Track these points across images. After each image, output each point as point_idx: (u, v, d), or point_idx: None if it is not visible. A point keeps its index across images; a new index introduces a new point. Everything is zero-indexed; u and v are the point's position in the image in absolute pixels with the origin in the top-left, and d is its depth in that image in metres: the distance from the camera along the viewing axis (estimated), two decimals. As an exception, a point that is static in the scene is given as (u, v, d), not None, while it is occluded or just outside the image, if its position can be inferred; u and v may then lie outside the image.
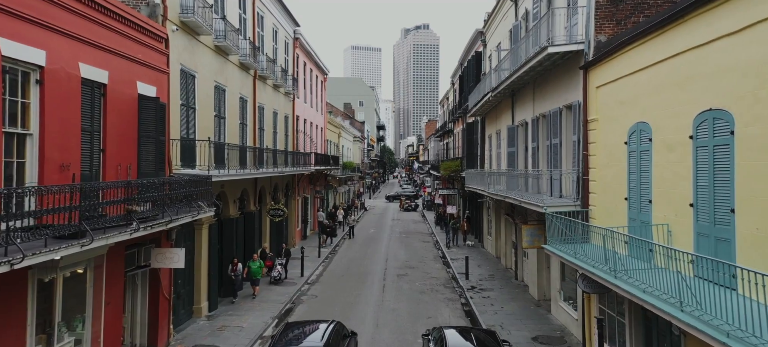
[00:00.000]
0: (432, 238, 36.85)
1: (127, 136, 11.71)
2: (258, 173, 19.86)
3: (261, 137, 23.93)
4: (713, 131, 8.13)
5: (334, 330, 11.39)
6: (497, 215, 27.26)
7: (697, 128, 8.61)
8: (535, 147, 18.70)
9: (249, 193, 21.97)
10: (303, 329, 11.47)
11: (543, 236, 17.36)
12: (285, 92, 28.50)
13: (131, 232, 9.44)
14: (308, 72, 35.57)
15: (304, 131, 33.96)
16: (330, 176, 43.87)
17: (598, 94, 13.06)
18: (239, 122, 20.69)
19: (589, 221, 13.39)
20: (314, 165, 33.20)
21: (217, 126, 18.24)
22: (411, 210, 58.31)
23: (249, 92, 21.92)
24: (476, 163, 32.98)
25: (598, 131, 13.02)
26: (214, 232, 17.63)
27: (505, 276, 23.21)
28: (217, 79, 17.99)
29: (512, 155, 22.05)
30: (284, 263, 22.48)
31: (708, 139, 8.30)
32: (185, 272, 15.91)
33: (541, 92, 18.03)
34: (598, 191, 12.98)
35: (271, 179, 24.96)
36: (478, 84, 30.18)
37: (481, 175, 27.31)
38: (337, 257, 28.85)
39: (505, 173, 21.24)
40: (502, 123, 24.90)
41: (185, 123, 15.47)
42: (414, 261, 27.60)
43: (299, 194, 32.85)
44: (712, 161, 8.16)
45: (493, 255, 27.96)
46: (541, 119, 18.34)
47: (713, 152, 8.14)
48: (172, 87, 14.23)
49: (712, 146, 8.16)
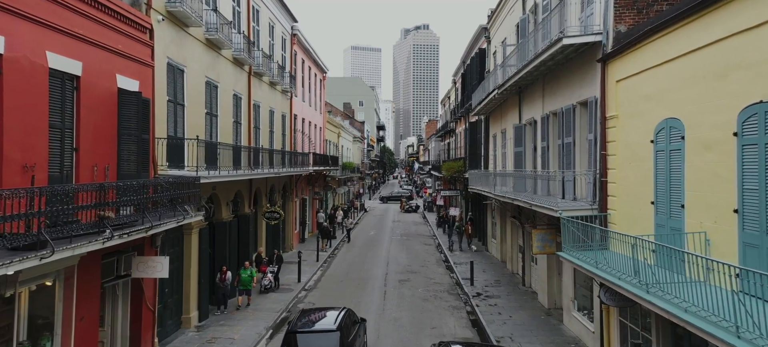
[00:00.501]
0: (434, 241, 35.82)
1: (105, 134, 10.69)
2: (252, 174, 18.84)
3: (256, 136, 22.91)
4: (766, 126, 7.10)
5: (346, 315, 12.37)
6: (502, 218, 26.23)
7: (743, 124, 7.58)
8: (545, 147, 17.68)
9: (243, 195, 20.94)
10: (317, 314, 12.53)
11: (555, 241, 16.34)
12: (282, 90, 27.48)
13: (104, 241, 8.41)
14: (306, 70, 34.56)
15: (302, 130, 32.94)
16: (329, 177, 42.85)
17: (618, 88, 12.03)
18: (233, 120, 19.66)
19: (607, 227, 12.37)
20: (312, 166, 32.17)
21: (209, 124, 17.21)
22: (411, 211, 57.28)
23: (243, 88, 20.89)
24: (480, 163, 31.96)
25: (618, 129, 12.00)
26: (205, 237, 16.60)
27: (511, 282, 22.18)
28: (208, 75, 16.97)
29: (519, 155, 21.03)
30: (276, 270, 21.07)
31: (758, 135, 7.27)
32: (173, 280, 14.87)
33: (552, 88, 17.01)
34: (619, 194, 11.95)
35: (266, 181, 23.93)
36: (482, 82, 29.19)
37: (486, 176, 26.29)
38: (337, 261, 27.82)
39: (512, 174, 20.22)
40: (507, 122, 23.88)
41: (173, 121, 14.45)
42: (416, 265, 26.58)
43: (297, 195, 31.82)
44: (764, 161, 7.13)
45: (499, 259, 26.93)
46: (551, 117, 17.33)
47: (766, 150, 7.11)
48: (157, 82, 13.21)
49: (764, 143, 7.13)
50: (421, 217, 52.43)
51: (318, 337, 11.22)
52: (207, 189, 16.54)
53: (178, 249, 15.19)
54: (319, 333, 11.33)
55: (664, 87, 9.98)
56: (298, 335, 11.17)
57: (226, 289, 17.49)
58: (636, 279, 8.68)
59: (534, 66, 16.29)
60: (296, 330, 11.36)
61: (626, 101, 11.65)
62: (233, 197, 19.19)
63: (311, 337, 11.22)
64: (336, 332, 11.21)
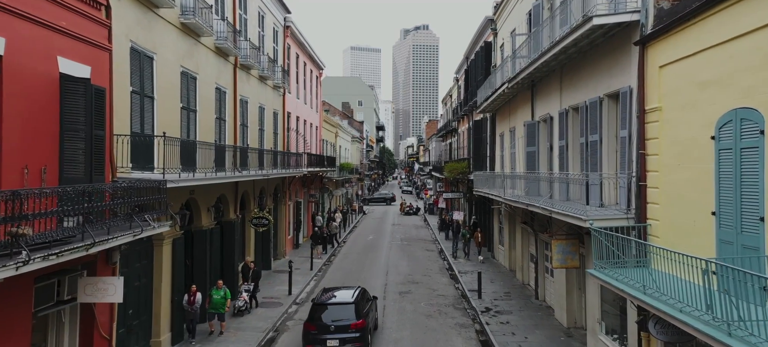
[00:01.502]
0: (436, 246, 33.86)
1: (41, 128, 8.74)
2: (236, 177, 16.86)
3: (244, 134, 20.97)
4: None
5: (361, 292, 15.02)
6: (511, 223, 24.29)
7: None
8: (564, 146, 15.74)
9: (228, 199, 18.97)
10: (336, 291, 15.27)
11: (578, 253, 14.41)
12: (274, 86, 25.54)
13: (17, 266, 6.45)
14: (301, 65, 32.60)
15: (296, 129, 30.99)
16: (326, 179, 40.90)
17: (661, 75, 10.10)
18: (216, 116, 17.71)
19: (647, 239, 10.44)
20: (307, 166, 30.22)
21: (186, 121, 15.27)
22: (412, 214, 55.32)
23: (228, 82, 18.94)
24: (484, 164, 30.03)
25: (662, 124, 10.06)
26: (180, 247, 14.65)
27: (522, 294, 20.24)
28: (184, 65, 15.02)
29: (532, 155, 19.09)
30: (251, 289, 17.91)
31: None
32: (140, 298, 12.92)
33: (573, 79, 15.08)
34: (663, 201, 10.02)
35: (254, 183, 21.94)
36: (487, 77, 27.29)
37: (493, 178, 24.36)
38: (332, 270, 25.85)
39: (525, 177, 18.26)
40: (517, 119, 21.95)
41: (139, 115, 12.49)
42: (418, 275, 24.62)
43: (291, 198, 29.87)
44: None
45: (507, 268, 24.98)
46: (571, 112, 15.39)
47: None
48: (117, 69, 11.26)
49: None
50: (421, 220, 50.49)
51: (338, 308, 13.98)
52: (182, 194, 14.60)
53: (147, 263, 13.23)
54: (339, 304, 14.10)
55: (730, 70, 8.04)
56: (322, 306, 14.13)
57: (195, 314, 14.53)
58: (708, 314, 6.73)
59: (552, 55, 14.37)
60: (321, 302, 14.36)
61: (673, 90, 9.71)
62: (215, 202, 17.22)
63: (333, 308, 14.03)
64: (352, 304, 14.00)
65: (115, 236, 8.78)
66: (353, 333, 13.39)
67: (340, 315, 13.69)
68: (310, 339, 13.44)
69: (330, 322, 13.55)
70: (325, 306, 14.06)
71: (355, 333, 13.40)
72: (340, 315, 13.69)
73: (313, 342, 13.41)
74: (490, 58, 28.97)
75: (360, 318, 13.70)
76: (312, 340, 13.42)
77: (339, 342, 13.24)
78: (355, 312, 13.75)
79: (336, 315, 13.69)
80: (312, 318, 13.80)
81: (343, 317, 13.64)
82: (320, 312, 13.86)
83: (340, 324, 13.48)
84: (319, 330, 13.44)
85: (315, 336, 13.41)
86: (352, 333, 13.38)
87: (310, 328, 13.56)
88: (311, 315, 13.91)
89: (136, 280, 12.65)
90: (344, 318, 13.61)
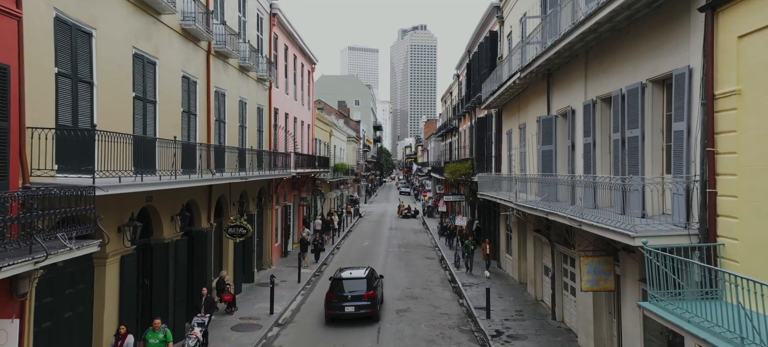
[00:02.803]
0: (436, 253, 31.39)
1: None
2: (205, 181, 14.33)
3: (220, 131, 18.49)
4: None
5: (371, 271, 18.50)
6: (521, 231, 21.85)
7: None
8: (590, 144, 13.29)
9: (199, 205, 16.49)
10: (351, 270, 18.55)
11: (612, 273, 11.96)
12: (258, 78, 23.07)
13: None
14: (291, 58, 30.12)
15: (285, 127, 28.52)
16: (319, 180, 38.43)
17: (741, 49, 7.65)
18: (183, 110, 15.23)
19: (717, 264, 8.01)
20: (296, 167, 27.75)
21: (142, 113, 12.78)
22: (410, 217, 52.85)
23: (199, 70, 16.46)
24: (489, 165, 27.64)
25: (742, 112, 7.62)
26: (131, 266, 12.15)
27: (537, 313, 17.79)
28: (139, 46, 12.53)
29: (548, 154, 16.66)
30: (206, 323, 13.98)
31: None
32: (74, 334, 10.44)
33: (602, 64, 12.65)
34: (744, 214, 7.57)
35: (230, 187, 19.40)
36: (493, 70, 24.87)
37: (499, 180, 21.96)
38: (323, 282, 23.36)
39: (542, 180, 15.79)
40: (529, 114, 19.53)
41: (70, 104, 9.99)
42: (417, 288, 22.15)
43: (278, 202, 27.38)
44: None
45: (516, 280, 22.54)
46: (600, 103, 12.96)
47: None
48: (33, 43, 8.79)
49: None
50: (420, 223, 48.03)
51: (353, 282, 17.16)
52: (134, 201, 12.13)
53: (85, 288, 10.75)
54: (354, 279, 17.29)
55: None
56: (340, 280, 17.35)
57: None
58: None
59: (578, 35, 11.98)
60: (339, 277, 17.58)
61: (760, 67, 7.28)
62: (181, 210, 14.71)
63: (348, 281, 17.16)
64: (365, 279, 17.29)
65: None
66: (365, 301, 16.83)
67: (355, 287, 17.06)
68: (332, 306, 16.90)
69: (347, 293, 16.91)
70: (343, 281, 17.39)
71: (367, 301, 16.84)
72: (355, 287, 17.06)
73: (334, 308, 16.87)
74: (496, 49, 26.54)
75: (371, 289, 17.15)
76: (333, 307, 16.88)
77: (354, 307, 16.70)
78: (366, 285, 17.22)
79: (352, 287, 17.08)
80: (332, 290, 17.27)
81: (358, 289, 16.98)
82: (339, 285, 17.29)
83: (355, 294, 16.86)
84: (339, 299, 16.88)
85: (336, 304, 16.87)
86: (365, 302, 16.82)
87: (331, 297, 17.00)
88: (331, 288, 17.39)
89: (68, 310, 10.17)
90: (358, 290, 16.95)
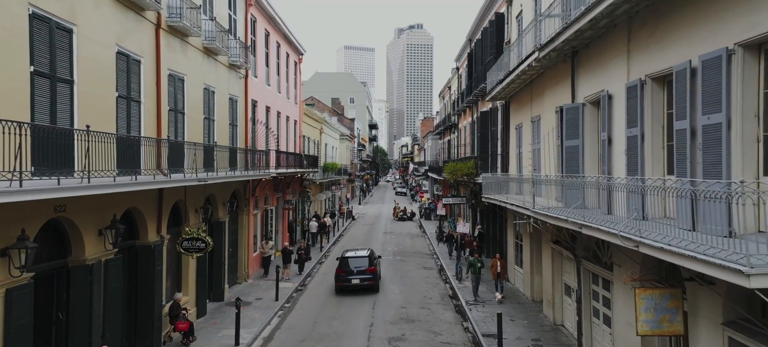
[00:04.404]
0: (434, 262, 28.33)
1: None
2: (139, 184, 11.17)
3: (177, 123, 15.39)
4: None
5: (371, 251, 22.66)
6: (534, 240, 18.81)
7: None
8: (637, 136, 10.25)
9: (144, 213, 13.36)
10: (355, 251, 22.45)
11: (680, 311, 8.90)
12: (230, 64, 19.97)
13: None
14: (273, 46, 26.99)
15: (266, 122, 25.42)
16: (307, 181, 35.33)
17: None
18: (118, 94, 12.11)
19: None
20: (279, 167, 24.66)
21: (47, 95, 9.65)
22: (406, 220, 49.76)
23: (144, 46, 13.35)
24: (494, 164, 24.66)
25: None
26: (25, 299, 9.00)
27: (558, 342, 14.76)
28: (39, 5, 9.41)
29: (573, 151, 13.62)
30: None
31: None
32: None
33: (655, 31, 9.60)
34: None
35: (186, 190, 16.17)
36: (499, 57, 21.86)
37: (508, 182, 18.93)
38: (305, 299, 20.28)
39: (567, 182, 12.71)
40: (545, 105, 16.52)
41: None
42: (414, 307, 19.07)
43: (257, 206, 24.28)
44: None
45: (528, 298, 19.49)
46: (651, 84, 9.94)
47: None
48: None
49: None
50: (417, 226, 44.97)
51: (358, 259, 21.34)
52: (36, 213, 9.02)
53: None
54: (358, 257, 21.49)
55: None
56: (347, 259, 21.38)
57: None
58: None
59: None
60: (346, 256, 21.57)
61: None
62: (112, 221, 11.56)
63: (353, 260, 21.32)
64: (367, 257, 21.50)
65: None
66: (368, 275, 20.60)
67: (359, 264, 20.86)
68: (341, 279, 20.60)
69: (353, 268, 20.69)
70: (349, 259, 21.11)
71: (368, 275, 20.62)
72: (359, 264, 20.86)
73: (343, 280, 20.58)
74: (503, 33, 23.54)
75: (372, 265, 21.03)
76: (342, 279, 20.59)
77: (359, 280, 20.48)
78: (368, 262, 21.05)
79: (356, 264, 20.86)
80: (341, 266, 20.94)
81: (361, 265, 20.79)
82: (346, 262, 21.00)
83: (359, 269, 20.65)
84: (346, 273, 20.62)
85: (344, 277, 20.59)
86: (367, 275, 20.58)
87: (340, 272, 20.70)
88: (340, 264, 21.02)
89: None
90: (362, 266, 20.77)
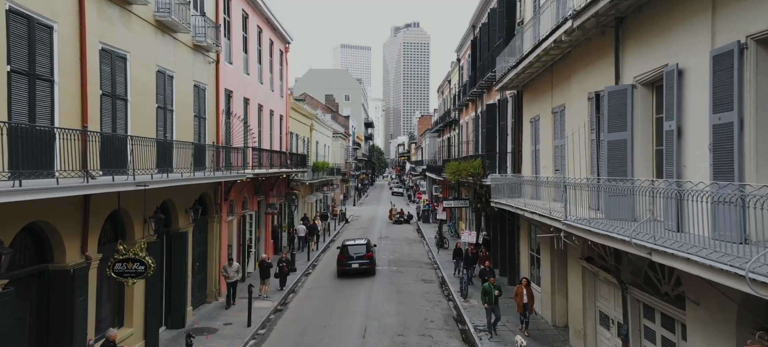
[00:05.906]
0: (435, 273, 25.24)
1: None
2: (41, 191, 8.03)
3: (116, 112, 12.25)
4: None
5: (368, 240, 26.75)
6: (556, 254, 15.73)
7: None
8: (732, 123, 7.20)
9: (58, 228, 10.17)
10: (353, 239, 26.85)
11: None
12: (195, 45, 16.86)
13: None
14: (253, 30, 23.84)
15: (245, 116, 22.27)
16: (295, 182, 32.18)
17: None
18: (11, 68, 8.96)
19: None
20: (258, 167, 21.53)
21: None
22: (403, 222, 46.67)
23: (59, 11, 10.20)
24: (503, 163, 21.66)
25: None
26: None
27: (595, 389, 11.68)
28: None
29: (619, 147, 10.55)
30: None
31: None
32: None
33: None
34: None
35: (119, 195, 12.91)
36: (510, 41, 18.84)
37: (521, 184, 15.89)
38: (283, 324, 17.14)
39: (622, 188, 9.61)
40: (572, 91, 13.48)
41: None
42: (412, 334, 15.96)
43: (232, 211, 21.13)
44: None
45: (548, 323, 16.40)
46: (755, 47, 6.89)
47: None
48: None
49: None
50: (414, 230, 41.88)
51: (357, 247, 25.04)
52: None
53: None
54: (357, 245, 25.23)
55: None
56: (347, 247, 24.94)
57: None
58: None
59: None
60: (346, 245, 25.17)
61: None
62: (13, 240, 8.39)
63: (353, 247, 24.97)
64: (365, 245, 25.31)
65: None
66: (366, 260, 24.51)
67: (358, 250, 24.83)
68: (342, 264, 24.40)
69: (352, 254, 24.62)
70: (349, 247, 24.94)
71: (366, 260, 24.51)
72: (358, 250, 24.83)
73: (344, 265, 24.35)
74: (514, 13, 20.46)
75: (368, 252, 24.95)
76: (343, 264, 24.38)
77: (358, 264, 24.31)
78: (366, 249, 25.03)
79: (355, 251, 24.80)
80: (342, 252, 24.78)
81: (360, 252, 24.76)
82: (346, 249, 24.82)
83: (358, 254, 24.63)
84: (347, 258, 24.47)
85: (345, 262, 24.42)
86: (365, 260, 24.47)
87: (341, 257, 24.58)
88: (342, 251, 24.85)
89: None
90: (360, 253, 24.69)
